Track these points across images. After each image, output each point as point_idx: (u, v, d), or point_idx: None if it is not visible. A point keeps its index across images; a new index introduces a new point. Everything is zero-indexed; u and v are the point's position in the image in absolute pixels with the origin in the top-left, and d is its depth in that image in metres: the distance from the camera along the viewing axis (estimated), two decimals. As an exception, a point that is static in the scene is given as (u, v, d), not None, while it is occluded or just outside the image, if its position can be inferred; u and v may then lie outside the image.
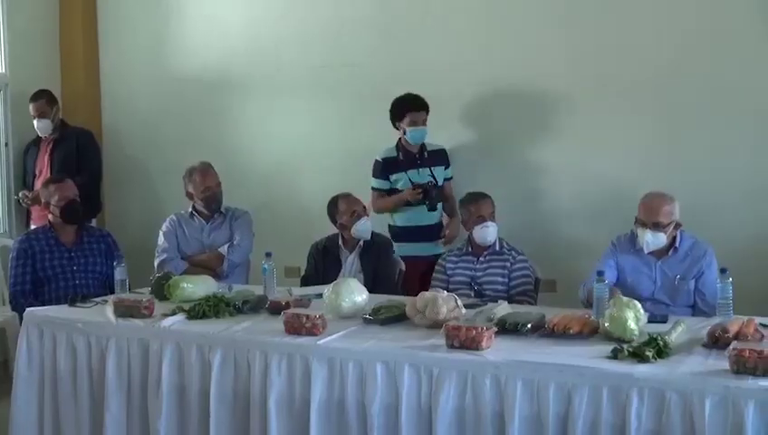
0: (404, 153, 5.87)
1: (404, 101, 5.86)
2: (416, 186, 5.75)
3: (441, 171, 5.93)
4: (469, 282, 5.16)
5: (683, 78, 5.70)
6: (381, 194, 5.92)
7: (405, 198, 5.79)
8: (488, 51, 6.21)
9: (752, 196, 5.61)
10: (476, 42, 6.24)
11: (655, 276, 4.62)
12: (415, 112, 5.80)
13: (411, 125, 5.79)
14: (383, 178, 5.91)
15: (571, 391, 3.47)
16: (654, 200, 4.62)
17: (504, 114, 6.18)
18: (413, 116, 5.80)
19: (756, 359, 3.31)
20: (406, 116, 5.82)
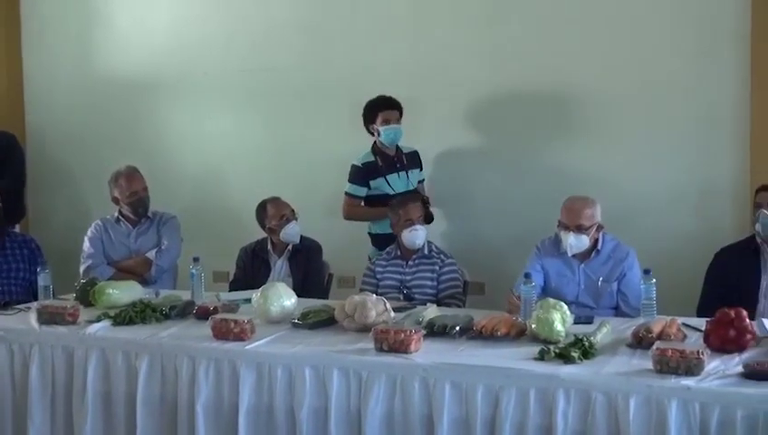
0: (382, 157, 5.75)
1: (375, 101, 5.73)
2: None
3: (417, 174, 5.84)
4: (398, 285, 5.17)
5: (612, 89, 5.79)
6: (356, 201, 5.80)
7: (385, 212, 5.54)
8: (416, 53, 6.25)
9: (672, 199, 5.76)
10: (405, 43, 6.29)
11: (578, 279, 4.68)
12: (387, 111, 5.68)
13: (384, 123, 5.66)
14: (361, 184, 5.75)
15: (498, 392, 3.49)
16: (576, 203, 4.67)
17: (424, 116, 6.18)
18: (385, 114, 5.67)
19: (679, 358, 3.37)
20: (378, 116, 5.69)
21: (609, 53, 5.79)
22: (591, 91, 5.84)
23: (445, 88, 6.12)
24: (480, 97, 6.08)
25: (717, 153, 5.66)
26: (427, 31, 6.23)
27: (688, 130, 5.73)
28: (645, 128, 5.80)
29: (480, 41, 6.07)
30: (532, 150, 6.00)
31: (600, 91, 5.82)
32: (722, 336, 3.68)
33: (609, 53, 5.79)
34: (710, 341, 3.70)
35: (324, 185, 6.47)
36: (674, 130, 5.76)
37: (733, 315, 3.71)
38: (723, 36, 5.56)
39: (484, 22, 6.08)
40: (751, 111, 5.48)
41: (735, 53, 5.50)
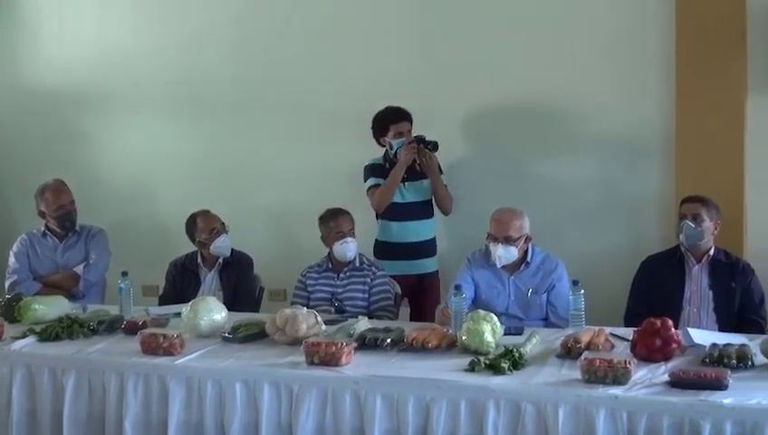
0: (391, 164, 5.55)
1: (385, 114, 5.60)
2: (409, 141, 5.45)
3: (428, 183, 5.64)
4: (330, 298, 5.16)
5: (551, 104, 5.88)
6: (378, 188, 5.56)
7: (403, 162, 5.43)
8: (344, 67, 6.28)
9: (599, 211, 5.86)
10: (340, 53, 6.30)
11: (508, 291, 4.71)
12: (398, 123, 5.55)
13: (397, 137, 5.52)
14: (378, 175, 5.55)
15: (429, 404, 3.51)
16: (504, 215, 4.71)
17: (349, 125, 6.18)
18: (398, 127, 5.54)
19: (606, 368, 3.43)
20: (389, 129, 5.55)
21: (548, 72, 5.87)
22: (536, 105, 5.92)
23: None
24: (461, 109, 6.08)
25: (644, 167, 5.77)
26: (368, 38, 6.25)
27: (616, 146, 5.83)
28: (576, 143, 5.89)
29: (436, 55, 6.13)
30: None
31: (544, 105, 5.90)
32: (648, 346, 3.75)
33: (549, 72, 5.87)
34: (637, 350, 3.76)
35: (256, 197, 6.47)
36: (602, 146, 5.86)
37: (659, 325, 3.79)
38: (649, 58, 5.66)
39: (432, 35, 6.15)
40: (675, 127, 5.58)
41: (661, 74, 5.60)
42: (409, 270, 5.55)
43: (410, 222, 5.53)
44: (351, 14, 6.28)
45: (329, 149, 6.32)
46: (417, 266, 5.58)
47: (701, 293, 4.71)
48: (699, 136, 5.48)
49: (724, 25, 5.43)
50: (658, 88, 5.64)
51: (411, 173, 5.53)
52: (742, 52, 5.43)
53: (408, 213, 5.52)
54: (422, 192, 5.59)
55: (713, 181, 5.29)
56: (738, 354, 3.62)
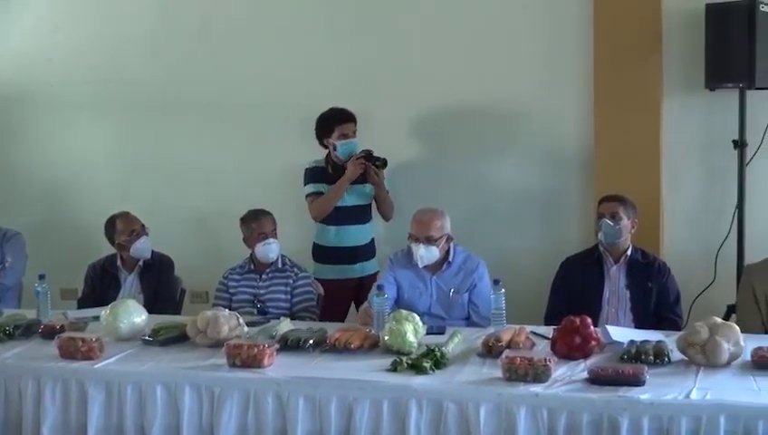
0: (333, 167, 5.46)
1: (329, 115, 5.50)
2: (357, 156, 5.38)
3: (371, 188, 5.56)
4: (252, 299, 5.12)
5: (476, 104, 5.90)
6: (318, 196, 5.46)
7: (348, 177, 5.34)
8: (267, 66, 6.25)
9: (520, 210, 5.94)
10: (259, 55, 6.27)
11: (431, 290, 4.73)
12: (343, 125, 5.46)
13: (341, 138, 5.44)
14: (320, 181, 5.45)
15: (352, 404, 3.51)
16: (425, 215, 4.73)
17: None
18: (342, 129, 5.44)
19: (527, 366, 3.48)
20: (334, 130, 5.44)
21: (471, 75, 5.91)
22: (459, 107, 5.96)
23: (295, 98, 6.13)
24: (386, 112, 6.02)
25: (563, 167, 5.86)
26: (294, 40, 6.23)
27: (536, 146, 5.90)
28: (496, 143, 5.96)
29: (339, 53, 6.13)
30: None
31: (465, 107, 5.94)
32: (568, 343, 3.80)
33: (472, 75, 5.91)
34: (557, 348, 3.81)
35: (177, 198, 6.41)
36: (522, 146, 5.94)
37: (578, 323, 3.84)
38: (568, 60, 5.75)
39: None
40: (594, 127, 5.67)
41: (580, 75, 5.69)
42: (350, 274, 5.51)
43: (349, 226, 5.45)
44: (271, 14, 6.26)
45: (252, 150, 6.31)
46: (356, 270, 5.53)
47: (619, 293, 4.78)
48: (617, 136, 5.58)
49: (640, 28, 5.54)
50: (577, 89, 5.72)
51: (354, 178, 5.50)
52: (658, 53, 5.53)
53: (347, 217, 5.44)
54: (362, 196, 5.53)
55: (630, 181, 5.38)
56: (655, 351, 3.69)
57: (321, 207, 5.42)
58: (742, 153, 5.32)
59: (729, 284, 5.25)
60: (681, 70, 5.53)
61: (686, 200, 5.67)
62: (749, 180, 5.33)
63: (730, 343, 3.65)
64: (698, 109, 5.56)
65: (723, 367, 3.62)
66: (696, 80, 5.32)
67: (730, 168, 5.39)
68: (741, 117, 5.28)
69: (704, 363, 3.63)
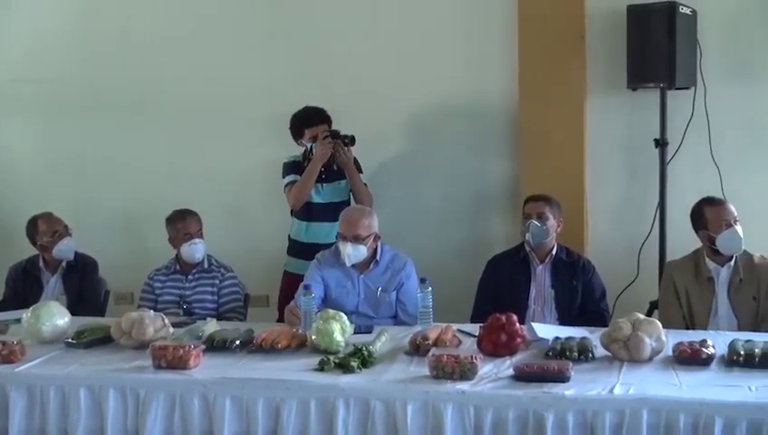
0: (309, 162, 5.34)
1: (301, 117, 5.42)
2: (323, 137, 5.25)
3: (346, 183, 5.47)
4: (178, 300, 5.08)
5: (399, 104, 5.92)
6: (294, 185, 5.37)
7: (319, 157, 5.23)
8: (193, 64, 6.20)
9: (446, 210, 5.99)
10: (184, 54, 6.23)
11: (358, 289, 4.72)
12: (314, 127, 5.37)
13: (312, 140, 5.38)
14: (296, 172, 5.35)
15: (279, 405, 3.50)
16: (353, 214, 4.74)
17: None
18: (313, 131, 5.36)
19: (454, 364, 3.50)
20: (305, 132, 5.38)
21: (397, 72, 5.95)
22: (384, 104, 5.95)
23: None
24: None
25: (488, 166, 5.91)
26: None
27: (462, 145, 5.95)
28: (423, 141, 6.01)
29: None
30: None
31: (390, 104, 5.95)
32: (494, 341, 3.83)
33: (398, 72, 5.95)
34: (483, 346, 3.84)
35: (101, 198, 6.33)
36: (448, 145, 5.98)
37: (504, 320, 3.88)
38: (493, 60, 5.81)
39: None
40: (519, 127, 5.74)
41: (505, 75, 5.74)
42: None
43: (322, 223, 5.33)
44: (197, 12, 6.24)
45: (177, 150, 6.26)
46: None
47: (544, 292, 4.83)
48: (542, 135, 5.65)
49: (564, 28, 5.61)
50: (503, 89, 5.78)
51: (329, 173, 5.40)
52: (581, 54, 5.61)
53: (320, 214, 5.34)
54: (339, 193, 5.44)
55: (555, 180, 5.46)
56: (579, 347, 3.74)
57: (297, 193, 5.32)
58: (663, 152, 5.42)
59: (652, 280, 5.34)
60: (604, 70, 5.61)
61: (609, 198, 5.76)
62: (670, 179, 5.44)
63: (652, 339, 3.72)
64: (621, 108, 5.66)
65: (645, 362, 3.68)
66: (618, 80, 5.41)
67: (652, 166, 5.49)
68: (662, 116, 5.39)
69: (627, 359, 3.69)
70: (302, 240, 5.39)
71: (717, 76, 5.43)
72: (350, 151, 5.31)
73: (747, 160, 5.53)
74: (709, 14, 5.43)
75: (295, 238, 5.45)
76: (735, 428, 3.18)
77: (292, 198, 5.34)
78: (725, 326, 4.50)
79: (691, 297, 4.61)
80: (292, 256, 5.46)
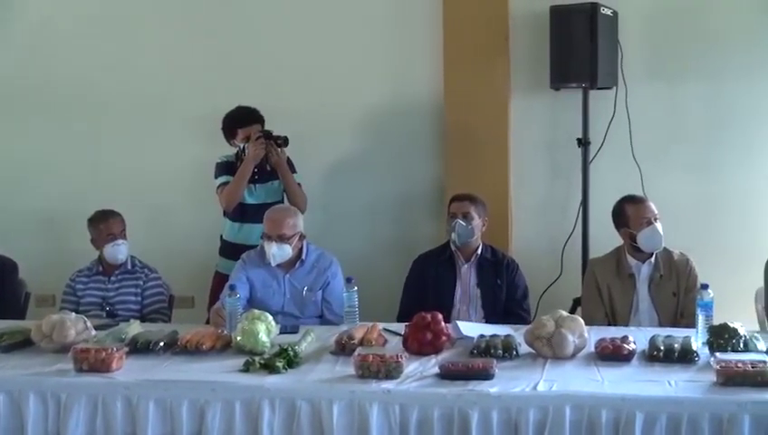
0: (243, 162, 5.25)
1: (233, 117, 5.33)
2: (256, 137, 5.18)
3: (279, 184, 5.40)
4: (101, 302, 5.01)
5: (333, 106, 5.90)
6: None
7: (251, 157, 5.15)
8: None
9: (372, 209, 6.02)
10: (105, 51, 6.16)
11: (284, 289, 4.71)
12: (247, 128, 5.28)
13: (245, 141, 5.27)
14: (229, 173, 5.26)
15: (203, 407, 3.47)
16: (277, 214, 4.72)
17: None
18: (245, 132, 5.27)
19: (379, 363, 3.51)
20: (238, 133, 5.28)
21: (320, 70, 5.95)
22: (313, 104, 5.93)
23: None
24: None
25: (414, 165, 5.94)
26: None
27: (387, 144, 5.97)
28: (349, 144, 6.01)
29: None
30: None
31: (319, 104, 5.94)
32: (419, 340, 3.85)
33: (321, 70, 5.95)
34: (408, 344, 3.86)
35: (20, 199, 6.22)
36: (373, 145, 6.00)
37: (429, 319, 3.90)
38: (419, 60, 5.84)
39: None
40: (444, 126, 5.78)
41: (430, 75, 5.79)
42: None
43: (258, 224, 5.09)
44: (118, 9, 6.16)
45: (100, 149, 6.18)
46: None
47: (470, 291, 4.86)
48: (466, 134, 5.69)
49: (488, 29, 5.66)
50: (428, 89, 5.83)
51: (261, 174, 5.33)
52: (505, 54, 5.66)
53: (256, 215, 5.16)
54: (272, 193, 5.38)
55: (479, 178, 5.52)
56: (504, 345, 3.78)
57: (229, 193, 5.24)
58: (585, 151, 5.50)
59: (575, 277, 5.41)
60: (527, 70, 5.68)
61: (533, 197, 5.83)
62: (593, 177, 5.52)
63: (575, 336, 3.77)
64: (544, 108, 5.73)
65: (568, 359, 3.73)
66: (541, 80, 5.48)
67: (575, 165, 5.56)
68: (584, 116, 5.47)
69: (550, 356, 3.74)
70: (235, 241, 5.33)
71: (638, 76, 5.54)
72: (284, 152, 5.27)
73: (667, 159, 5.64)
74: (629, 15, 5.53)
75: (228, 239, 5.40)
76: (656, 422, 3.24)
77: (224, 199, 5.29)
78: (646, 322, 4.58)
79: (613, 294, 4.68)
80: (224, 256, 5.39)
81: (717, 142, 5.63)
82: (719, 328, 3.77)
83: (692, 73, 5.61)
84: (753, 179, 5.61)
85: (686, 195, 5.62)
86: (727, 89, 5.58)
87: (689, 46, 5.59)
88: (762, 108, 5.56)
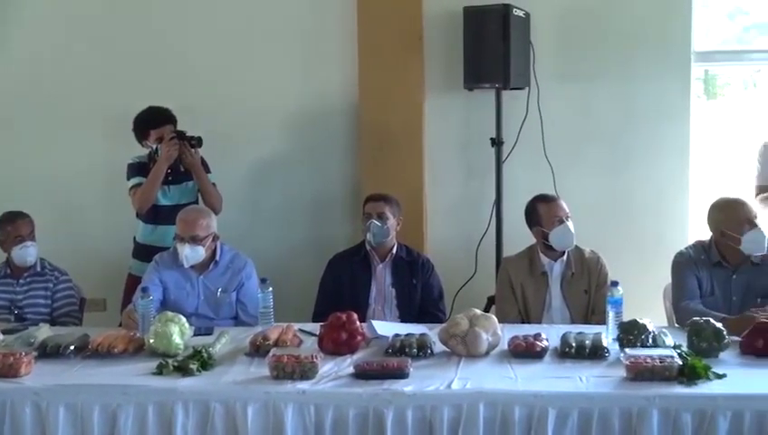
0: (155, 163, 5.14)
1: (145, 117, 5.21)
2: (169, 138, 5.07)
3: (193, 185, 5.29)
4: (9, 306, 4.88)
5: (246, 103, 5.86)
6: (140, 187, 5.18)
7: (164, 158, 5.04)
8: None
9: (286, 210, 5.98)
10: (15, 51, 6.03)
11: (198, 291, 4.67)
12: (159, 128, 5.16)
13: (158, 142, 5.15)
14: (142, 174, 5.14)
15: (116, 410, 3.43)
16: (190, 214, 4.68)
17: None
18: (157, 133, 5.16)
19: (294, 363, 3.51)
20: (150, 134, 5.19)
21: (237, 71, 5.90)
22: (225, 104, 5.89)
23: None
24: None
25: (329, 164, 5.93)
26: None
27: (302, 143, 5.96)
28: (263, 144, 5.98)
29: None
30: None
31: (230, 104, 5.89)
32: (334, 339, 3.86)
33: (238, 71, 5.90)
34: (324, 344, 3.86)
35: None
36: (287, 144, 5.98)
37: (344, 319, 3.91)
38: (334, 60, 5.83)
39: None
40: (359, 126, 5.78)
41: (345, 75, 5.78)
42: None
43: (169, 226, 5.04)
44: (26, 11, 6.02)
45: (6, 150, 6.04)
46: None
47: (385, 291, 4.88)
48: (381, 135, 5.71)
49: (402, 29, 5.67)
50: (342, 89, 5.82)
51: (175, 175, 5.24)
52: (419, 54, 5.69)
53: (171, 216, 5.03)
54: (187, 194, 5.28)
55: (394, 178, 5.54)
56: (418, 343, 3.80)
57: (142, 195, 5.14)
58: (499, 151, 5.56)
59: (489, 276, 5.45)
60: (441, 70, 5.71)
61: (448, 197, 5.87)
62: (506, 177, 5.58)
63: (489, 334, 3.81)
64: (458, 108, 5.77)
65: (482, 357, 3.78)
66: (455, 80, 5.52)
67: (488, 165, 5.62)
68: (497, 116, 5.52)
69: (464, 354, 3.77)
70: (149, 243, 5.23)
71: (549, 77, 5.61)
72: (198, 152, 5.21)
73: (578, 158, 5.73)
74: (541, 16, 5.60)
75: (141, 242, 5.30)
76: (568, 418, 3.30)
77: (137, 201, 5.19)
78: (559, 319, 4.65)
79: (526, 292, 4.74)
80: (137, 259, 5.30)
81: (627, 141, 5.74)
82: (629, 324, 3.85)
83: (602, 74, 5.71)
84: (662, 178, 5.73)
85: (596, 193, 5.72)
86: (635, 89, 5.69)
87: (599, 47, 5.69)
88: (669, 107, 5.69)
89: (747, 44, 6.06)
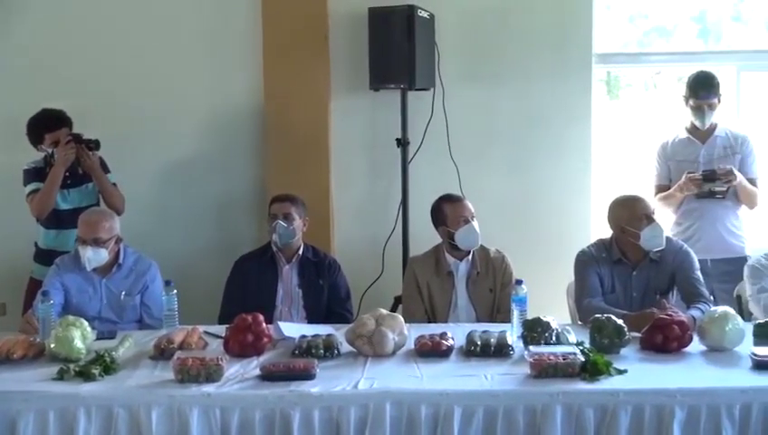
0: (52, 167, 5.03)
1: (39, 121, 5.07)
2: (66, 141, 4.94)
3: (93, 186, 5.17)
4: None
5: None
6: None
7: (61, 162, 4.94)
8: None
9: (192, 211, 5.92)
10: None
11: (101, 294, 4.58)
12: (54, 132, 5.03)
13: (54, 145, 5.01)
14: (39, 180, 5.03)
15: (15, 417, 3.36)
16: (92, 217, 4.60)
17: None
18: (53, 136, 5.02)
19: (199, 366, 3.49)
20: (45, 137, 5.04)
21: (142, 70, 5.81)
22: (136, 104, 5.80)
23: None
24: None
25: (235, 166, 5.88)
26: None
27: (206, 143, 5.90)
28: (166, 142, 5.89)
29: None
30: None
31: (138, 104, 5.80)
32: (240, 341, 3.84)
33: (143, 70, 5.82)
34: (230, 346, 3.84)
35: None
36: (186, 145, 5.91)
37: (250, 321, 3.89)
38: (238, 60, 5.80)
39: None
40: (264, 126, 5.76)
41: (250, 75, 5.76)
42: None
43: (71, 230, 4.92)
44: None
45: None
46: None
47: (292, 292, 4.86)
48: (287, 135, 5.70)
49: (308, 28, 5.67)
50: (248, 89, 5.79)
51: (74, 178, 5.12)
52: (325, 54, 5.69)
53: (72, 220, 4.89)
54: (87, 197, 5.17)
55: (300, 179, 5.53)
56: (325, 344, 3.81)
57: (40, 201, 5.02)
58: (405, 151, 5.58)
59: (396, 275, 5.47)
60: (347, 70, 5.72)
61: (354, 197, 5.88)
62: (412, 177, 5.61)
63: (395, 333, 3.83)
64: (364, 108, 5.78)
65: (389, 356, 3.80)
66: (360, 80, 5.52)
67: (394, 165, 5.64)
68: (403, 117, 5.54)
69: (371, 354, 3.79)
70: (53, 248, 5.12)
71: (454, 78, 5.66)
72: (95, 155, 5.12)
73: (483, 159, 5.79)
74: (446, 18, 5.64)
75: (44, 247, 5.19)
76: (473, 415, 3.34)
77: (35, 207, 5.07)
78: (465, 318, 4.69)
79: (432, 291, 4.77)
80: (39, 262, 5.18)
81: (530, 141, 5.82)
82: (532, 322, 3.91)
83: (505, 75, 5.78)
84: (565, 177, 5.82)
85: (501, 193, 5.79)
86: (539, 89, 5.77)
87: (502, 49, 5.76)
88: (571, 108, 5.78)
89: (647, 47, 6.19)
